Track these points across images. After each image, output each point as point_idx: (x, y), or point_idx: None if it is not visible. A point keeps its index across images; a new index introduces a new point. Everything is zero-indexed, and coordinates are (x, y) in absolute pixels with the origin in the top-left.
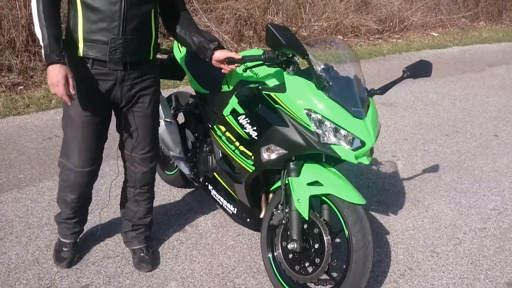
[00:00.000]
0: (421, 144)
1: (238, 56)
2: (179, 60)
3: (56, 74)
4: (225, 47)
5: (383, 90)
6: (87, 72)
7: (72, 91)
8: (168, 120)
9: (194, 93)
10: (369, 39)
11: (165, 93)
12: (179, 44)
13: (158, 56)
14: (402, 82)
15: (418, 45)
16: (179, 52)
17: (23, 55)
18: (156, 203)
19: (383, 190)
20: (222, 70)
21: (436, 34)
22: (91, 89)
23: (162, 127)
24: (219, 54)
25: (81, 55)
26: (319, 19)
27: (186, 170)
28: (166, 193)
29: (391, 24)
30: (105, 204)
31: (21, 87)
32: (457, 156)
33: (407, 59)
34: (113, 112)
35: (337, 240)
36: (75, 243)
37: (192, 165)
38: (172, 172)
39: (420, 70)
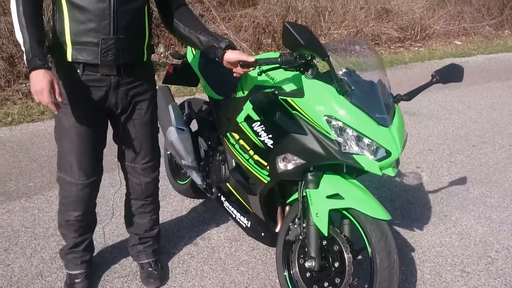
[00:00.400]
0: (447, 155)
1: (251, 58)
2: (192, 65)
3: (39, 80)
4: (237, 47)
5: (410, 95)
6: (78, 79)
7: (59, 98)
8: (180, 127)
9: (208, 100)
10: (390, 48)
11: (180, 100)
12: (192, 49)
13: (174, 62)
14: (425, 90)
15: (441, 53)
16: (193, 57)
17: None
18: (167, 214)
19: (407, 203)
20: (234, 74)
21: (460, 43)
22: (84, 97)
23: (173, 135)
24: (231, 56)
25: (70, 59)
26: (339, 27)
27: (198, 180)
28: (177, 204)
29: (412, 32)
30: (108, 218)
31: None
32: (485, 168)
33: (429, 68)
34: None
35: (359, 258)
36: (88, 274)
37: (204, 175)
38: (185, 182)
39: (451, 74)
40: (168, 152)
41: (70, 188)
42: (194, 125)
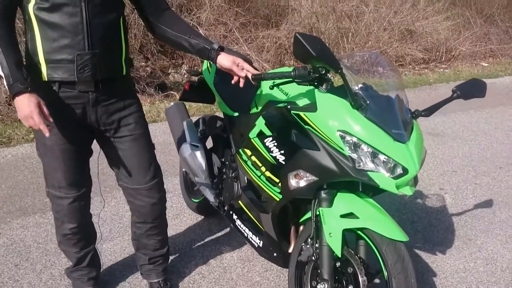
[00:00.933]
0: (472, 177)
1: (250, 69)
2: (208, 81)
3: (26, 105)
4: (259, 68)
5: (430, 111)
6: (55, 97)
7: (50, 119)
8: (195, 144)
9: (223, 116)
10: (415, 69)
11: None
12: (208, 64)
13: (192, 78)
14: (450, 111)
15: (467, 75)
16: (208, 73)
17: None
18: (180, 232)
19: (429, 226)
20: (234, 79)
21: (486, 64)
22: (63, 115)
23: (187, 151)
24: (225, 61)
25: (46, 79)
26: (362, 48)
27: (211, 198)
28: (191, 222)
29: (437, 53)
30: (119, 235)
31: None
32: None
33: None
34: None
35: (376, 281)
36: None
37: (217, 192)
38: (199, 200)
39: (473, 89)
40: (184, 170)
41: (61, 202)
42: (210, 143)
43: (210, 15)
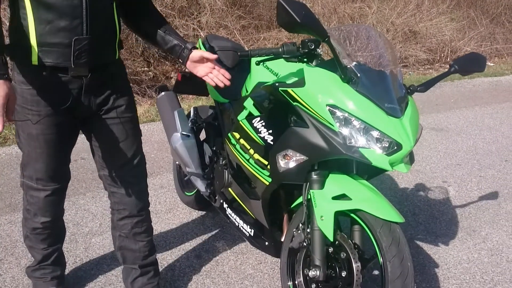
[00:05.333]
0: (477, 169)
1: (213, 56)
2: None
3: None
4: None
5: (426, 86)
6: (45, 83)
7: (10, 117)
8: (185, 133)
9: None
10: (419, 70)
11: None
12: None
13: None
14: (454, 107)
15: (472, 74)
16: None
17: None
18: (172, 226)
19: (431, 217)
20: (202, 76)
21: (492, 64)
22: (53, 102)
23: (178, 141)
24: (195, 54)
25: (36, 62)
26: (365, 50)
27: (202, 188)
28: (184, 216)
29: (442, 55)
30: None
31: None
32: None
33: (459, 86)
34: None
35: (374, 270)
36: None
37: (209, 182)
38: (191, 193)
39: (471, 64)
40: (177, 163)
41: (37, 195)
42: (203, 136)
43: (210, 18)
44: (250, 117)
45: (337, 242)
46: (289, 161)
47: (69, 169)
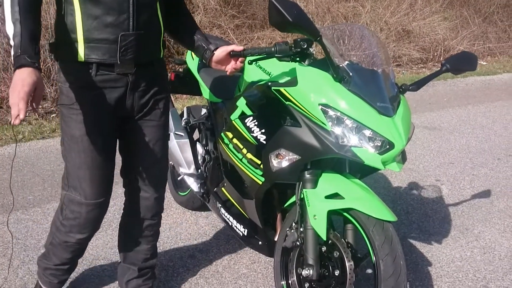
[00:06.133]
0: (470, 168)
1: (240, 47)
2: (191, 69)
3: (22, 78)
4: None
5: (418, 85)
6: (90, 80)
7: (35, 106)
8: (179, 133)
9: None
10: (412, 69)
11: None
12: (192, 53)
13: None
14: (447, 106)
15: (465, 73)
16: (192, 60)
17: (57, 84)
18: (166, 226)
19: (424, 216)
20: (228, 72)
21: (485, 63)
22: (98, 100)
23: (171, 141)
24: (219, 52)
25: (83, 59)
26: (358, 49)
27: (195, 187)
28: (178, 216)
29: (435, 53)
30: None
31: (54, 115)
32: None
33: (452, 85)
34: None
35: (368, 269)
36: None
37: (202, 182)
38: (185, 193)
39: (463, 62)
40: (170, 163)
41: (79, 209)
42: (197, 136)
43: (204, 18)
44: (243, 117)
45: (330, 241)
46: (282, 160)
47: (113, 180)
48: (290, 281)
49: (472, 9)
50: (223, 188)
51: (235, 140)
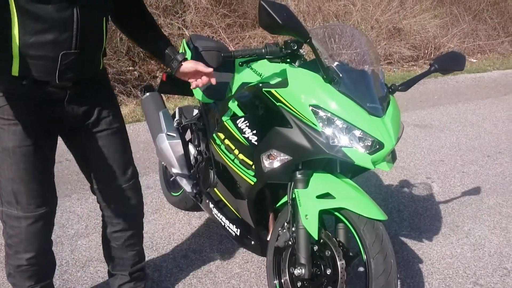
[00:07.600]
0: (460, 165)
1: (209, 69)
2: None
3: None
4: None
5: (407, 85)
6: (24, 93)
7: None
8: (171, 134)
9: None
10: (403, 66)
11: None
12: (183, 50)
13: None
14: (437, 104)
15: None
16: None
17: None
18: (158, 227)
19: (415, 214)
20: (192, 86)
21: (475, 60)
22: (33, 111)
23: (163, 142)
24: (188, 65)
25: (16, 74)
26: (349, 48)
27: (188, 188)
28: (170, 217)
29: (426, 51)
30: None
31: None
32: (501, 178)
33: (443, 83)
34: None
35: (359, 267)
36: None
37: (195, 182)
38: (178, 194)
39: (451, 62)
40: (163, 163)
41: (18, 224)
42: (189, 135)
43: (195, 17)
44: (234, 118)
45: (321, 240)
46: (274, 161)
47: (55, 190)
48: (282, 280)
49: (462, 6)
50: (215, 189)
51: (227, 141)
